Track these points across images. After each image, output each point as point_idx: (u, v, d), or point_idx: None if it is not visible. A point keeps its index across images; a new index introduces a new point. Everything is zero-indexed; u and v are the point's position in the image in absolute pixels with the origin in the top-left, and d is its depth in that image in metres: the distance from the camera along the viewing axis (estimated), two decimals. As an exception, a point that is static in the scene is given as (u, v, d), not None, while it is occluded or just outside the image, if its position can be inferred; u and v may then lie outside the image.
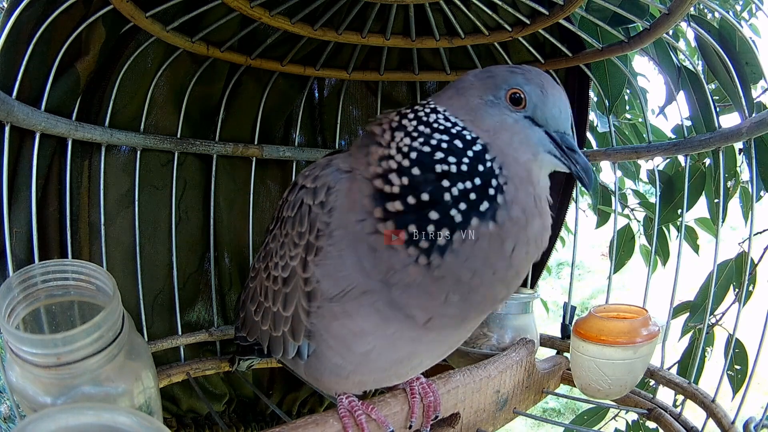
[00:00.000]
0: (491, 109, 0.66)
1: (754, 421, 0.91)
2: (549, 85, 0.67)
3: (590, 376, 0.99)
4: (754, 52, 0.96)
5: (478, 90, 0.67)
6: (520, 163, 0.65)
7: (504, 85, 0.66)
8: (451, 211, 0.60)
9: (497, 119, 0.65)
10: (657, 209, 1.26)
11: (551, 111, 0.66)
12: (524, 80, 0.66)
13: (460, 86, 0.69)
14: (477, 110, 0.66)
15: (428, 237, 0.60)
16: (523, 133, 0.65)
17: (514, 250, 0.62)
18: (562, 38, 1.14)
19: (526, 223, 0.63)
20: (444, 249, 0.60)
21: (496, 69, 0.69)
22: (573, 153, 0.65)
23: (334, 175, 0.68)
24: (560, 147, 0.65)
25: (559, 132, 0.66)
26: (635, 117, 1.58)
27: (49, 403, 0.60)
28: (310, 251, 0.67)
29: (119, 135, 1.03)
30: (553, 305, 3.11)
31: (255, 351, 0.87)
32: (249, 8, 0.97)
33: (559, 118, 0.66)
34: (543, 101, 0.65)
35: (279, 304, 0.74)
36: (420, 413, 0.82)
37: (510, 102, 0.65)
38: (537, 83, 0.66)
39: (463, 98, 0.67)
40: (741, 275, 1.14)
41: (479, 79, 0.68)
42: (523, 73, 0.66)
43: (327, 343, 0.71)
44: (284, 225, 0.74)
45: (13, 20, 0.77)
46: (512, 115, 0.65)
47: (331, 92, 1.36)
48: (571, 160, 0.65)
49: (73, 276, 0.67)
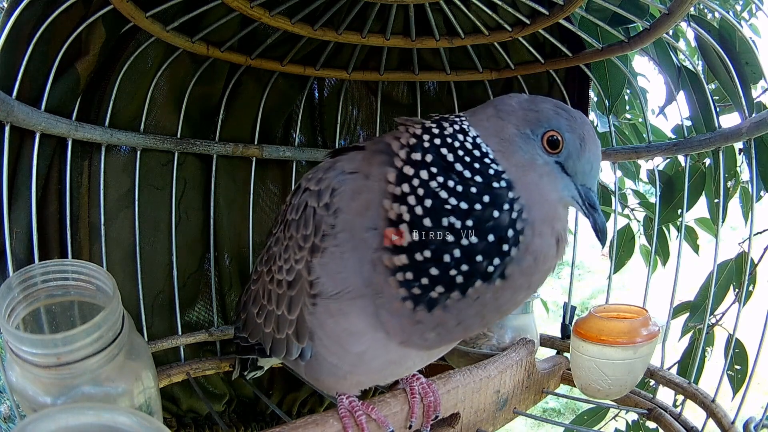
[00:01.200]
0: (525, 144, 0.63)
1: (754, 421, 0.91)
2: (590, 139, 0.64)
3: (590, 376, 0.99)
4: (754, 52, 0.96)
5: (518, 120, 0.64)
6: (549, 201, 0.63)
7: (545, 124, 0.63)
8: (451, 272, 0.59)
9: (528, 157, 0.63)
10: (657, 209, 1.26)
11: (584, 166, 0.64)
12: (567, 126, 0.63)
13: (501, 108, 0.66)
14: (510, 141, 0.64)
15: (421, 288, 0.60)
16: (551, 177, 0.64)
17: (512, 297, 0.62)
18: (562, 38, 1.14)
19: (534, 269, 0.62)
20: (434, 303, 0.60)
21: (542, 103, 0.65)
22: (594, 210, 0.65)
23: (339, 177, 0.68)
24: (583, 200, 0.65)
25: (585, 186, 0.65)
26: (635, 117, 1.58)
27: (49, 403, 0.60)
28: (315, 253, 0.67)
29: (119, 135, 1.03)
30: (553, 305, 3.10)
31: (255, 351, 0.87)
32: (249, 8, 0.97)
33: (589, 174, 0.65)
34: (579, 154, 0.64)
35: (283, 307, 0.74)
36: (420, 413, 0.82)
37: (546, 143, 0.63)
38: (579, 134, 0.64)
39: (500, 123, 0.65)
40: (741, 275, 1.14)
41: (522, 108, 0.65)
42: (568, 118, 0.64)
43: (323, 342, 0.72)
44: (288, 228, 0.74)
45: (13, 20, 0.77)
46: (544, 157, 0.63)
47: (331, 92, 1.36)
48: (591, 216, 0.65)
49: (73, 276, 0.67)
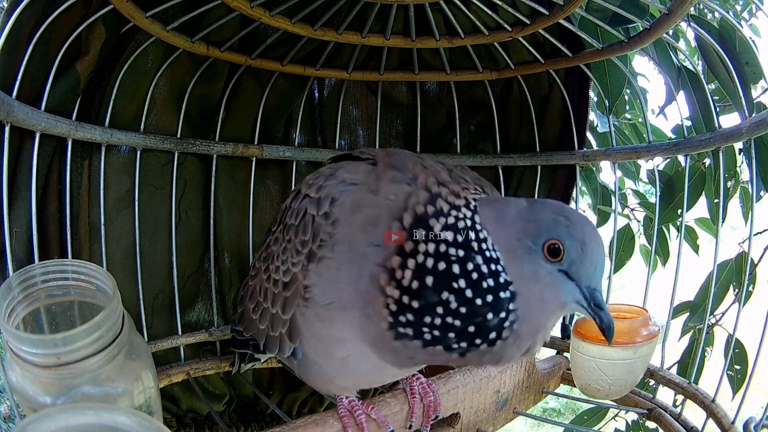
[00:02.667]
0: (527, 255, 0.64)
1: (754, 421, 0.91)
2: (591, 241, 0.64)
3: (590, 376, 0.99)
4: (754, 52, 0.96)
5: (519, 232, 0.65)
6: (545, 312, 0.65)
7: (545, 234, 0.63)
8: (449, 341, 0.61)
9: (531, 268, 0.63)
10: (657, 209, 1.26)
11: (587, 269, 0.64)
12: (567, 234, 0.63)
13: (504, 217, 0.66)
14: (513, 252, 0.64)
15: (412, 331, 0.62)
16: (554, 287, 0.64)
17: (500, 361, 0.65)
18: (562, 38, 1.14)
19: (495, 359, 0.64)
20: (416, 338, 0.62)
21: (541, 212, 0.65)
22: (599, 310, 0.65)
23: (339, 187, 0.68)
24: (588, 302, 0.65)
25: (590, 288, 0.65)
26: (635, 117, 1.58)
27: (49, 403, 0.60)
28: (312, 259, 0.68)
29: (119, 135, 1.03)
30: (553, 305, 3.09)
31: (250, 345, 0.88)
32: (249, 8, 0.97)
33: (593, 275, 0.65)
34: (581, 258, 0.64)
35: (278, 306, 0.75)
36: (420, 413, 0.83)
37: (547, 252, 0.63)
38: (579, 239, 0.64)
39: (504, 232, 0.65)
40: (741, 275, 1.14)
41: (521, 218, 0.65)
42: (567, 225, 0.64)
43: (309, 343, 0.73)
44: (287, 231, 0.74)
45: (13, 20, 0.77)
46: (546, 267, 0.63)
47: (331, 92, 1.36)
48: (597, 316, 0.65)
49: (73, 276, 0.67)
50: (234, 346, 0.98)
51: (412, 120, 1.38)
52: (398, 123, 1.41)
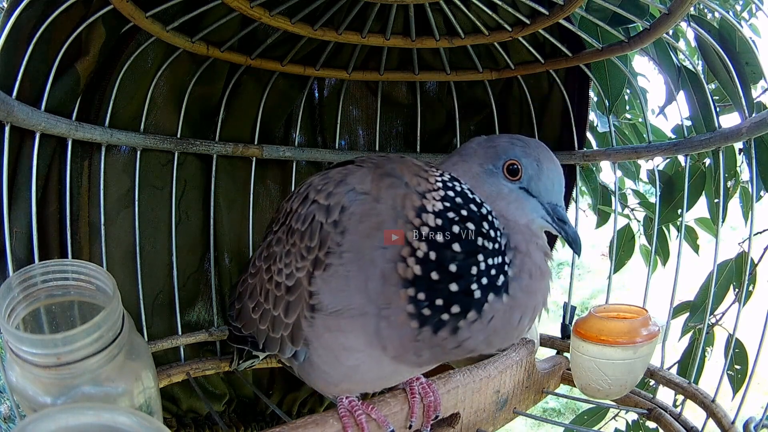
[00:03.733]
0: (490, 178, 0.70)
1: (754, 421, 0.91)
2: (545, 159, 0.71)
3: (590, 376, 0.99)
4: (754, 52, 0.96)
5: (480, 158, 0.72)
6: (520, 225, 0.69)
7: (503, 156, 0.70)
8: (472, 286, 0.62)
9: (494, 189, 0.70)
10: (657, 209, 1.26)
11: (545, 184, 0.70)
12: (522, 153, 0.70)
13: (464, 153, 0.74)
14: (477, 178, 0.71)
15: (432, 309, 0.62)
16: (518, 203, 0.70)
17: (520, 321, 0.65)
18: (562, 38, 1.14)
19: (533, 287, 0.66)
20: (441, 325, 0.62)
21: (497, 139, 0.73)
22: (563, 224, 0.70)
23: (350, 196, 0.68)
24: (552, 217, 0.70)
25: (551, 203, 0.71)
26: (635, 117, 1.58)
27: (49, 403, 0.60)
28: (318, 266, 0.68)
29: (119, 135, 1.03)
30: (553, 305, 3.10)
31: (249, 342, 0.88)
32: (249, 8, 0.97)
33: (552, 190, 0.71)
34: (538, 174, 0.70)
35: (280, 309, 0.75)
36: (420, 413, 0.83)
37: (507, 172, 0.70)
38: (534, 157, 0.70)
39: (466, 165, 0.72)
40: (741, 275, 1.14)
41: (482, 147, 0.73)
42: (522, 146, 0.71)
43: (317, 352, 0.73)
44: (292, 234, 0.74)
45: (13, 20, 0.77)
46: (508, 185, 0.70)
47: (331, 92, 1.36)
48: (562, 230, 0.70)
49: (73, 276, 0.67)
50: (231, 341, 0.98)
51: (412, 120, 1.38)
52: (398, 123, 1.41)
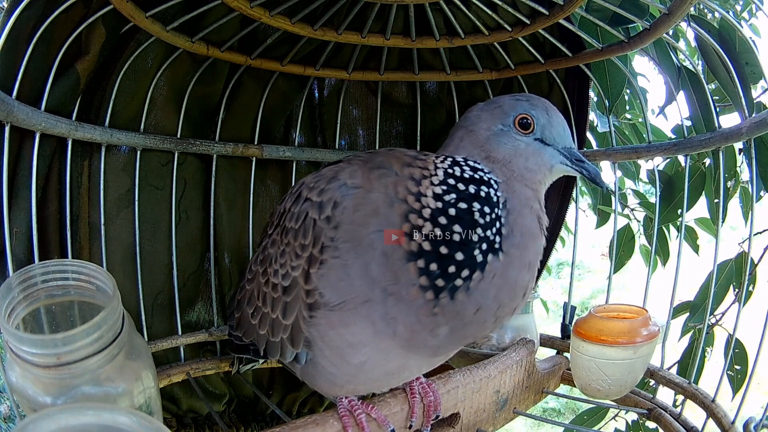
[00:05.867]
0: (502, 137, 0.71)
1: (754, 421, 0.91)
2: (551, 108, 0.73)
3: (590, 376, 0.99)
4: (754, 52, 0.96)
5: (486, 122, 0.72)
6: (530, 186, 0.70)
7: (512, 113, 0.71)
8: (474, 252, 0.64)
9: (510, 146, 0.71)
10: (657, 209, 1.26)
11: (557, 130, 0.73)
12: (530, 106, 0.72)
13: (467, 124, 0.74)
14: (488, 142, 0.71)
15: (446, 277, 0.63)
16: (537, 155, 0.71)
17: (518, 277, 0.66)
18: (562, 38, 1.14)
19: (525, 244, 0.67)
20: (456, 289, 0.63)
21: (500, 99, 0.74)
22: (582, 163, 0.73)
23: (342, 190, 0.68)
24: (570, 159, 0.72)
25: (566, 147, 0.73)
26: (635, 117, 1.58)
27: (49, 403, 0.60)
28: (314, 264, 0.68)
29: (119, 135, 1.03)
30: (553, 305, 3.11)
31: (250, 351, 0.88)
32: (249, 8, 0.97)
33: (564, 135, 0.73)
34: (549, 123, 0.72)
35: (278, 311, 0.74)
36: (420, 413, 0.83)
37: (519, 127, 0.71)
38: (542, 108, 0.72)
39: (473, 135, 0.72)
40: (741, 275, 1.14)
41: (486, 111, 0.73)
42: (528, 100, 0.73)
43: (322, 353, 0.72)
44: (286, 234, 0.74)
45: (13, 20, 0.77)
46: (524, 140, 0.71)
47: (331, 92, 1.36)
48: (583, 168, 0.72)
49: (73, 276, 0.67)
50: (233, 351, 0.97)
51: (412, 120, 1.38)
52: (398, 123, 1.41)
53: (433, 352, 0.72)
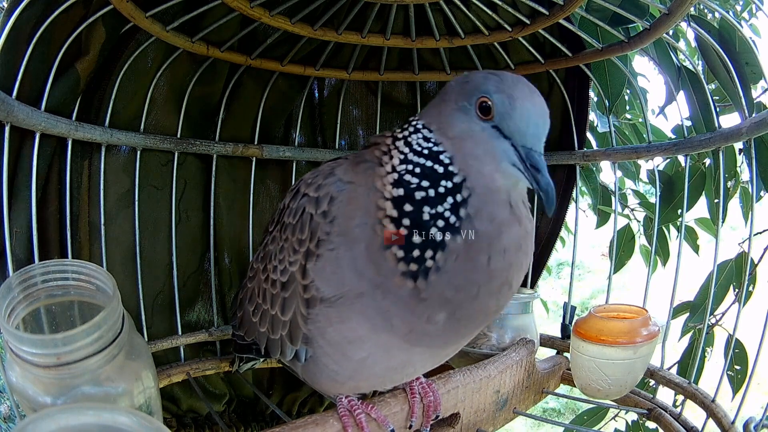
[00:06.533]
0: (463, 115, 0.64)
1: (754, 421, 0.91)
2: (521, 96, 0.63)
3: (590, 376, 0.99)
4: (754, 52, 0.96)
5: (456, 95, 0.66)
6: (484, 173, 0.63)
7: (476, 92, 0.63)
8: (431, 231, 0.61)
9: (465, 126, 0.64)
10: (657, 209, 1.26)
11: (518, 124, 0.62)
12: (494, 89, 0.63)
13: (445, 92, 0.69)
14: (449, 117, 0.65)
15: (416, 261, 0.62)
16: (487, 144, 0.63)
17: (491, 262, 0.62)
18: (562, 38, 1.14)
19: (498, 232, 0.62)
20: (428, 270, 0.62)
21: (473, 75, 0.67)
22: (536, 172, 0.61)
23: (337, 185, 0.69)
24: (524, 162, 0.62)
25: (525, 147, 0.62)
26: (635, 117, 1.58)
27: (49, 403, 0.60)
28: (310, 258, 0.68)
29: (119, 135, 1.03)
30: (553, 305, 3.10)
31: (253, 350, 0.88)
32: (249, 8, 0.97)
33: (527, 133, 0.62)
34: (510, 113, 0.62)
35: (277, 307, 0.74)
36: (420, 413, 0.82)
37: (479, 110, 0.63)
38: (507, 93, 0.62)
39: (442, 105, 0.68)
40: (741, 275, 1.14)
41: (458, 83, 0.67)
42: (496, 81, 0.63)
43: (323, 350, 0.72)
44: (284, 230, 0.74)
45: (13, 20, 0.77)
46: (480, 124, 0.63)
47: (331, 92, 1.36)
48: (534, 178, 0.61)
49: (73, 276, 0.67)
50: (236, 351, 0.97)
51: (412, 120, 1.38)
52: (398, 123, 1.41)
53: (436, 342, 0.70)
